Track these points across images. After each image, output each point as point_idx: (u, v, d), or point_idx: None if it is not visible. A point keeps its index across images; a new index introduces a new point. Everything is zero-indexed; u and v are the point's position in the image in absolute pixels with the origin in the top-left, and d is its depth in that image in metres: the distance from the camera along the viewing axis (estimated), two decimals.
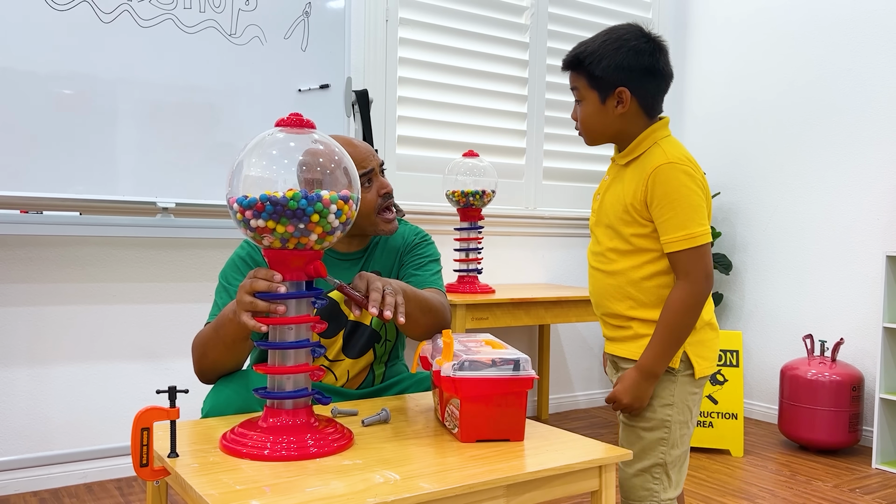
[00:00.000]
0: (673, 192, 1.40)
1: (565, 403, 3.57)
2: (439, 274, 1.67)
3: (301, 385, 1.18)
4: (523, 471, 1.09)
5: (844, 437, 2.86)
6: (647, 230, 1.44)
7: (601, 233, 1.52)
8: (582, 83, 1.48)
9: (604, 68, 1.43)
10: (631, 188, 1.44)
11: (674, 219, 1.40)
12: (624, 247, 1.46)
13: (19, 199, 2.18)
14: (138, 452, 1.08)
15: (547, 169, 3.49)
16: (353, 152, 1.56)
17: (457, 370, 1.21)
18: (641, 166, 1.44)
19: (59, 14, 2.16)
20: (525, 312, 2.73)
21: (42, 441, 2.38)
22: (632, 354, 1.48)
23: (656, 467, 1.46)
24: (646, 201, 1.42)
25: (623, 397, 1.44)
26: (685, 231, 1.40)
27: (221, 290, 1.54)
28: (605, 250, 1.50)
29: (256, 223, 1.10)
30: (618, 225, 1.47)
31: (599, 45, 1.45)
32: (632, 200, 1.44)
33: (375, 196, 1.57)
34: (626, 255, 1.46)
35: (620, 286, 1.48)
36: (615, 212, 1.47)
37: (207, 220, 2.47)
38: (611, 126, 1.48)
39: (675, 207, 1.40)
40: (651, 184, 1.41)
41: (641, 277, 1.46)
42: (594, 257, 1.54)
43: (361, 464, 1.10)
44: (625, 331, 1.50)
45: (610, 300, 1.50)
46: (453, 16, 3.16)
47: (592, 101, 1.47)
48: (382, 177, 1.62)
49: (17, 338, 2.34)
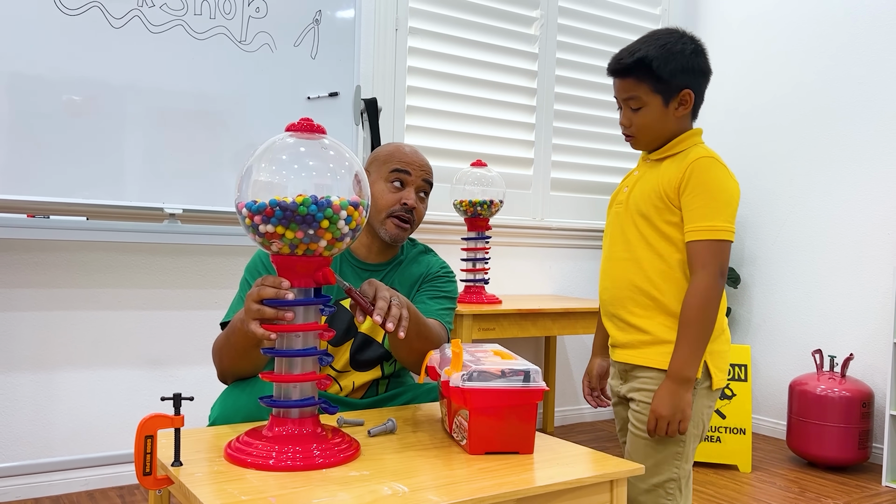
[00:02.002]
0: (708, 182, 1.40)
1: (571, 416, 3.54)
2: (450, 313, 1.64)
3: (308, 394, 1.17)
4: (533, 484, 1.07)
5: (854, 453, 2.82)
6: (677, 218, 1.43)
7: (628, 221, 1.50)
8: (644, 89, 1.44)
9: (671, 71, 1.42)
10: (668, 176, 1.44)
11: (703, 208, 1.39)
12: (653, 234, 1.45)
13: (26, 203, 2.18)
14: (142, 461, 1.06)
15: (555, 180, 3.47)
16: (401, 153, 1.59)
17: (466, 381, 1.19)
18: (681, 158, 1.44)
19: (70, 19, 2.16)
20: (532, 323, 2.71)
21: (44, 447, 2.36)
22: (649, 362, 1.45)
23: (670, 482, 1.43)
24: (679, 188, 1.42)
25: (664, 410, 1.37)
26: (710, 222, 1.38)
27: (245, 284, 1.54)
28: (633, 237, 1.48)
29: (265, 228, 1.09)
30: (650, 211, 1.45)
31: (660, 49, 1.42)
32: (666, 188, 1.43)
33: (396, 200, 1.57)
34: (655, 243, 1.45)
35: (646, 274, 1.45)
36: (648, 198, 1.46)
37: (214, 226, 2.46)
38: (669, 129, 1.47)
39: (705, 197, 1.39)
40: (689, 172, 1.40)
41: (668, 267, 1.43)
42: (618, 245, 1.51)
43: (368, 475, 1.08)
44: (640, 335, 1.46)
45: (630, 289, 1.47)
46: (463, 26, 3.16)
47: (656, 106, 1.45)
48: (421, 198, 1.62)
49: (22, 343, 2.33)
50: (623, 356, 1.51)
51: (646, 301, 1.46)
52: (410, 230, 1.61)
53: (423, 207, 1.64)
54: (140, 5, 2.24)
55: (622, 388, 1.53)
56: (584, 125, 3.55)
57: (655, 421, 1.39)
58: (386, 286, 1.29)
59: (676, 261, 1.43)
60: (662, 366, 1.44)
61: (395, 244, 1.61)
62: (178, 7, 2.30)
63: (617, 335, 1.52)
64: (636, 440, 1.48)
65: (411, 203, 1.57)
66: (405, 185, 1.59)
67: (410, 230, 1.61)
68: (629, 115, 1.48)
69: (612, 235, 1.55)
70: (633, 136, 1.50)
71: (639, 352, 1.47)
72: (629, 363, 1.49)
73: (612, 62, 1.48)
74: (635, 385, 1.49)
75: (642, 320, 1.46)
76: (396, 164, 1.58)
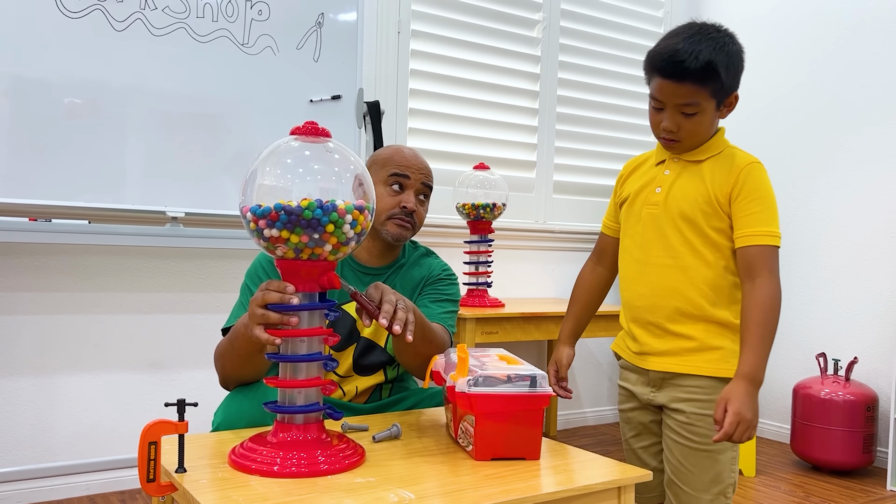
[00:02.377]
0: (763, 190, 1.40)
1: (574, 420, 3.53)
2: (453, 316, 1.63)
3: (312, 399, 1.16)
4: (540, 491, 1.06)
5: (858, 458, 2.81)
6: (724, 224, 1.41)
7: (669, 225, 1.45)
8: (704, 94, 1.37)
9: (735, 76, 1.41)
10: (718, 180, 1.41)
11: (762, 213, 1.38)
12: (699, 240, 1.42)
13: (28, 206, 2.17)
14: (145, 467, 1.05)
15: (557, 182, 3.46)
16: (400, 156, 1.58)
17: (472, 386, 1.18)
18: (726, 162, 1.42)
19: (72, 21, 2.15)
20: (535, 327, 2.70)
21: (45, 452, 2.35)
22: (697, 370, 1.42)
23: (729, 488, 1.43)
24: (731, 194, 1.40)
25: (749, 413, 1.30)
26: (770, 228, 1.38)
27: (246, 289, 1.53)
28: (676, 243, 1.44)
29: (270, 233, 1.08)
30: (697, 216, 1.42)
31: (722, 53, 1.36)
32: (717, 193, 1.41)
33: (396, 204, 1.56)
34: (702, 249, 1.42)
35: (692, 281, 1.42)
36: (695, 203, 1.42)
37: (217, 230, 2.45)
38: (710, 132, 1.46)
39: (763, 204, 1.39)
40: (743, 177, 1.39)
41: (715, 274, 1.41)
42: (656, 250, 1.46)
43: (374, 482, 1.07)
44: (684, 342, 1.43)
45: (674, 297, 1.43)
46: (465, 28, 3.15)
47: (711, 111, 1.41)
48: (421, 201, 1.61)
49: (23, 347, 2.32)
50: (661, 364, 1.46)
51: (690, 309, 1.42)
52: (412, 231, 1.60)
53: (424, 210, 1.62)
54: (142, 8, 2.24)
55: (657, 397, 1.49)
56: (586, 128, 3.54)
57: (737, 424, 1.31)
58: (392, 290, 1.29)
59: (722, 267, 1.42)
60: (712, 373, 1.42)
61: (398, 243, 1.59)
62: (180, 10, 2.29)
63: (652, 343, 1.47)
64: (693, 452, 1.43)
65: (411, 206, 1.56)
66: (404, 189, 1.58)
67: (412, 231, 1.60)
68: (678, 120, 1.40)
69: (647, 238, 1.49)
70: (678, 141, 1.44)
71: (683, 359, 1.43)
72: (670, 371, 1.45)
73: (670, 65, 1.36)
74: (679, 395, 1.45)
75: (686, 327, 1.43)
76: (395, 168, 1.57)
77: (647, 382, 1.51)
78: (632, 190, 1.55)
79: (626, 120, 3.65)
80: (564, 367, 1.63)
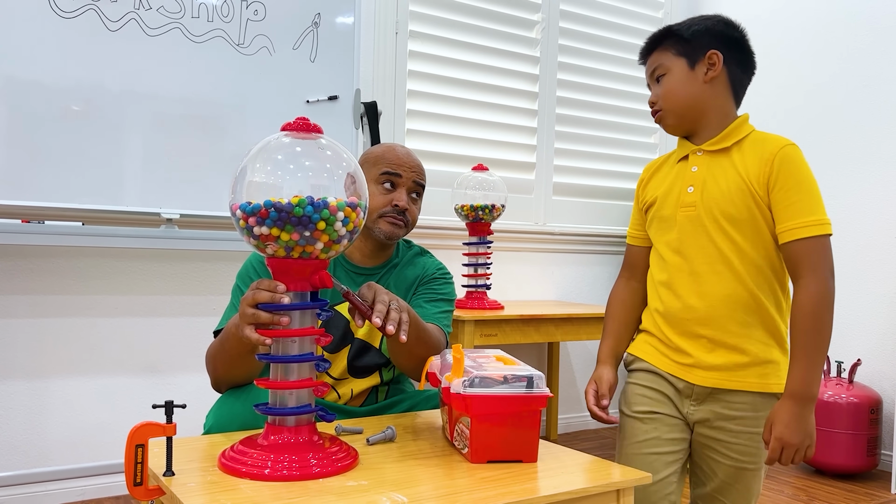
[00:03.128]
0: (802, 174, 1.28)
1: (574, 423, 3.49)
2: (448, 315, 1.60)
3: (304, 401, 1.13)
4: (537, 494, 1.04)
5: (862, 461, 2.78)
6: (769, 217, 1.30)
7: (712, 226, 1.34)
8: (667, 55, 1.38)
9: (694, 32, 1.37)
10: (752, 168, 1.31)
11: (803, 202, 1.26)
12: (745, 239, 1.31)
13: (21, 208, 2.14)
14: (132, 470, 1.03)
15: (557, 184, 3.44)
16: (392, 154, 1.55)
17: (467, 387, 1.15)
18: (756, 147, 1.33)
19: (66, 21, 2.13)
20: (535, 329, 2.68)
21: (39, 457, 2.33)
22: (746, 385, 1.32)
23: (759, 495, 1.39)
24: (767, 184, 1.29)
25: (794, 438, 1.20)
26: (815, 217, 1.25)
27: (237, 290, 1.50)
28: (723, 245, 1.32)
29: (260, 230, 1.06)
30: (740, 212, 1.31)
31: (689, 21, 1.40)
32: (753, 182, 1.30)
33: (387, 202, 1.53)
34: (749, 249, 1.31)
35: (745, 285, 1.31)
36: (735, 197, 1.31)
37: (212, 231, 2.42)
38: (698, 96, 1.37)
39: (803, 190, 1.26)
40: (778, 163, 1.28)
41: (763, 275, 1.31)
42: (703, 256, 1.34)
43: (367, 485, 1.04)
44: (737, 356, 1.32)
45: (729, 305, 1.31)
46: (463, 29, 3.13)
47: (679, 69, 1.37)
48: (413, 199, 1.58)
49: (17, 350, 2.30)
50: (710, 379, 1.34)
51: (745, 317, 1.32)
52: (405, 230, 1.57)
53: (416, 209, 1.60)
54: (136, 8, 2.22)
55: (696, 413, 1.38)
56: (586, 129, 3.52)
57: (781, 450, 1.22)
58: (385, 290, 1.26)
59: (769, 266, 1.32)
60: (759, 388, 1.32)
61: (391, 242, 1.56)
62: (175, 10, 2.27)
63: (702, 356, 1.35)
64: (741, 472, 1.35)
65: (402, 204, 1.54)
66: (396, 187, 1.55)
67: (405, 230, 1.57)
68: (655, 90, 1.41)
69: (687, 243, 1.37)
70: (660, 111, 1.40)
71: (733, 374, 1.33)
72: (718, 387, 1.34)
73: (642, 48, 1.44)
74: (724, 411, 1.36)
75: (740, 339, 1.32)
76: (387, 166, 1.55)
77: (689, 394, 1.38)
78: (657, 193, 1.45)
79: (626, 121, 3.63)
80: (605, 385, 1.45)
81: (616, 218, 3.60)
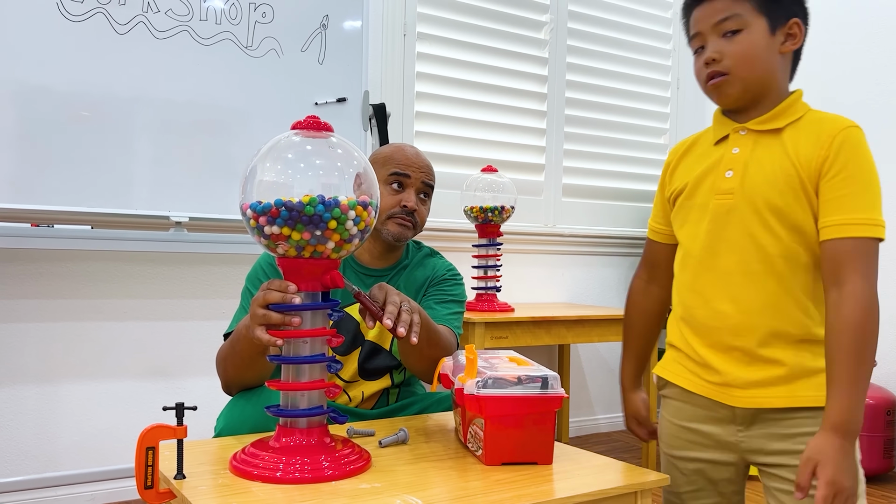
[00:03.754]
0: (863, 163, 1.09)
1: (586, 427, 3.47)
2: (459, 317, 1.58)
3: (316, 402, 1.12)
4: (553, 496, 1.02)
5: (878, 463, 2.74)
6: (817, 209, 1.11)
7: (752, 219, 1.14)
8: (747, 7, 1.13)
9: None
10: (805, 152, 1.12)
11: (858, 196, 1.07)
12: (791, 235, 1.12)
13: (30, 212, 2.14)
14: (143, 473, 1.01)
15: (566, 185, 3.42)
16: (401, 154, 1.54)
17: (481, 388, 1.14)
18: (813, 128, 1.14)
19: (74, 25, 2.13)
20: (546, 332, 2.65)
21: (50, 462, 2.32)
22: (800, 400, 1.12)
23: None
24: (820, 169, 1.10)
25: (848, 481, 1.01)
26: (867, 214, 1.06)
27: (247, 292, 1.49)
28: (766, 242, 1.13)
29: (270, 230, 1.05)
30: (789, 203, 1.11)
31: None
32: (804, 169, 1.11)
33: (396, 203, 1.52)
34: (796, 247, 1.13)
35: (790, 290, 1.12)
36: (786, 185, 1.12)
37: (221, 234, 2.42)
38: (769, 67, 1.15)
39: (860, 182, 1.07)
40: (837, 146, 1.09)
41: (811, 278, 1.12)
42: (738, 253, 1.15)
43: (380, 487, 1.02)
44: (775, 368, 1.13)
45: (770, 313, 1.12)
46: (471, 31, 3.12)
47: (760, 29, 1.14)
48: (422, 200, 1.57)
49: (27, 355, 2.29)
50: (751, 399, 1.14)
51: (790, 328, 1.12)
52: (414, 231, 1.56)
53: (425, 209, 1.58)
54: (145, 11, 2.21)
55: (748, 439, 1.18)
56: (595, 130, 3.50)
57: (833, 497, 1.01)
58: (396, 290, 1.25)
59: (814, 267, 1.13)
60: (817, 402, 1.10)
61: (399, 243, 1.55)
62: (183, 12, 2.27)
63: (737, 372, 1.15)
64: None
65: (411, 205, 1.52)
66: (405, 188, 1.54)
67: (414, 231, 1.56)
68: (720, 45, 1.15)
69: (720, 237, 1.18)
70: (724, 74, 1.15)
71: (779, 390, 1.12)
72: (766, 407, 1.14)
73: None
74: (781, 434, 1.15)
75: (778, 350, 1.12)
76: (395, 167, 1.54)
77: (731, 420, 1.18)
78: (688, 179, 1.24)
79: (636, 122, 3.60)
80: (646, 417, 1.35)
81: (626, 219, 3.58)
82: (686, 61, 3.73)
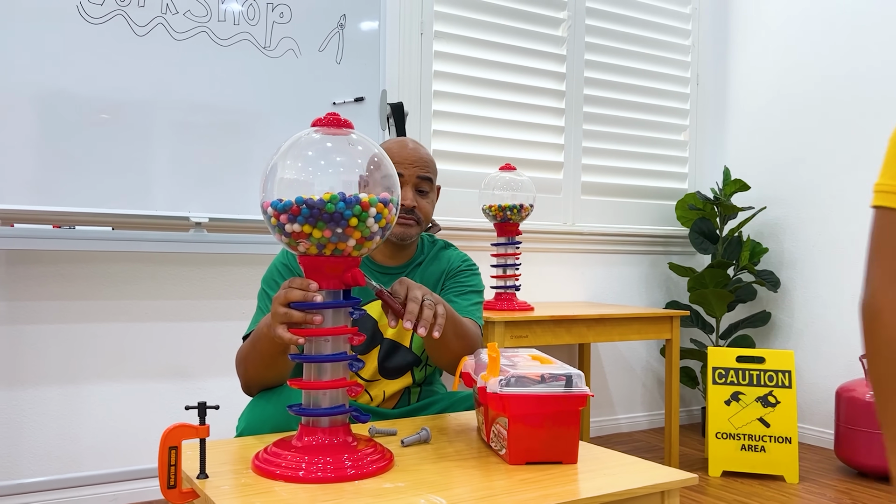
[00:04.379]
0: None
1: (607, 427, 3.44)
2: (479, 307, 1.57)
3: (338, 401, 1.11)
4: (579, 496, 1.00)
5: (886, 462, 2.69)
6: None
7: None
8: None
9: None
10: None
11: None
12: None
13: (51, 213, 2.16)
14: (166, 473, 1.01)
15: (585, 183, 3.39)
16: (393, 152, 1.52)
17: (504, 386, 1.12)
18: None
19: (94, 27, 2.14)
20: (566, 330, 2.63)
21: (72, 462, 2.33)
22: None
23: None
24: None
25: None
26: None
27: (263, 294, 1.49)
28: None
29: (291, 228, 1.04)
30: None
31: None
32: None
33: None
34: None
35: None
36: None
37: (241, 235, 2.42)
38: None
39: None
40: None
41: None
42: None
43: (404, 487, 1.01)
44: None
45: None
46: (489, 29, 3.11)
47: None
48: (422, 193, 1.55)
49: (49, 357, 2.31)
50: None
51: None
52: (418, 227, 1.54)
53: (427, 202, 1.55)
54: (164, 12, 2.22)
55: None
56: (614, 127, 3.47)
57: None
58: (418, 285, 1.23)
59: None
60: None
61: (404, 242, 1.53)
62: (201, 14, 2.27)
63: None
64: None
65: (408, 203, 1.50)
66: (401, 186, 1.52)
67: (418, 227, 1.54)
68: None
69: None
70: None
71: None
72: None
73: None
74: None
75: None
76: None
77: None
78: None
79: (655, 119, 3.57)
80: None
81: (647, 217, 3.55)
82: (705, 56, 3.69)
